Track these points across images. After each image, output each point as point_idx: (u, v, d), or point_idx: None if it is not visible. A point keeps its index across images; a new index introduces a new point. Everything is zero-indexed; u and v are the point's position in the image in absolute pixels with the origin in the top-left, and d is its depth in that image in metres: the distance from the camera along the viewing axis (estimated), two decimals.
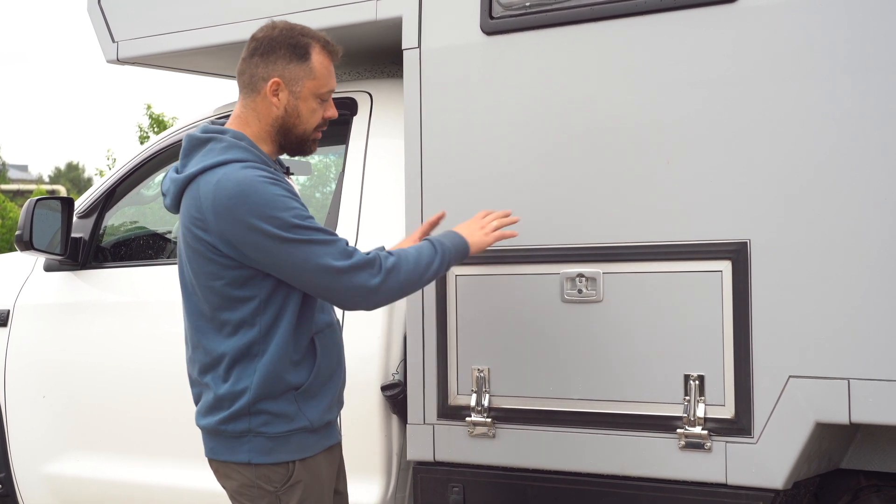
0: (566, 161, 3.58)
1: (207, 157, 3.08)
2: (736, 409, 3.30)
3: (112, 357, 4.76)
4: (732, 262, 3.30)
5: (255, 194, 2.98)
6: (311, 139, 3.24)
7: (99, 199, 4.99)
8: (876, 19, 3.14)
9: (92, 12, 4.76)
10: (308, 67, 3.17)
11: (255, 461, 3.08)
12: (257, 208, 2.97)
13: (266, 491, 3.09)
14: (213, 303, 3.08)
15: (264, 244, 2.98)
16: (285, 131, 3.19)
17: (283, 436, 3.08)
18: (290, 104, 3.17)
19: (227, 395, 3.08)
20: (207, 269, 3.06)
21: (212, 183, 3.02)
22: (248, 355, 3.07)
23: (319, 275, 3.01)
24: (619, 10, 3.49)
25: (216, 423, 3.11)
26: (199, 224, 3.04)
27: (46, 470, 4.95)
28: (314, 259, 3.00)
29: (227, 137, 3.11)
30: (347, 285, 3.03)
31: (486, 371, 3.69)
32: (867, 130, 3.14)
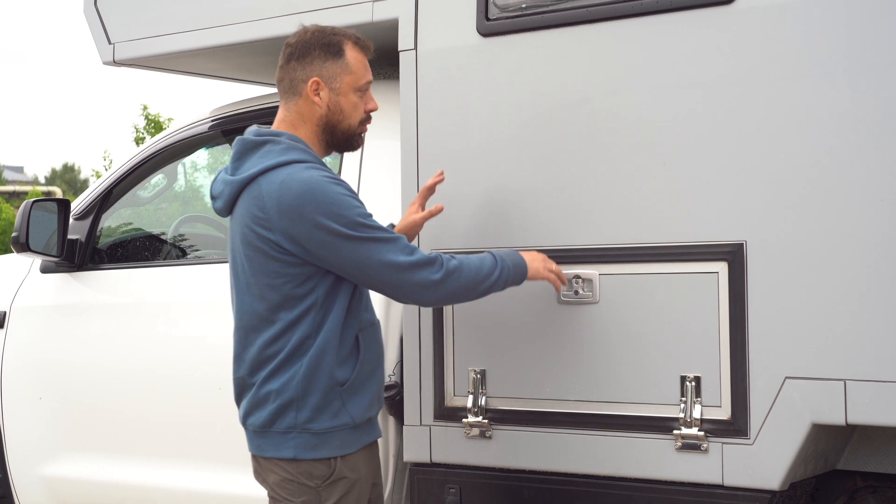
0: (562, 163, 3.58)
1: (267, 159, 3.19)
2: (732, 411, 3.30)
3: (108, 358, 4.76)
4: (729, 264, 3.31)
5: (321, 193, 3.11)
6: (357, 133, 3.37)
7: (95, 201, 4.99)
8: (873, 20, 3.14)
9: (88, 14, 4.75)
10: (344, 63, 3.29)
11: (300, 457, 3.18)
12: (324, 207, 3.10)
13: (307, 487, 3.19)
14: (272, 301, 3.18)
15: (330, 241, 3.10)
16: (331, 129, 3.31)
17: (327, 432, 3.19)
18: (332, 101, 3.29)
19: (275, 390, 3.18)
20: (269, 267, 3.16)
21: (276, 182, 3.13)
22: (299, 352, 3.17)
23: (384, 271, 3.15)
24: (615, 12, 3.49)
25: (264, 419, 3.21)
26: (263, 223, 3.14)
27: (43, 471, 4.95)
28: (378, 255, 3.13)
29: (284, 139, 3.24)
30: (411, 281, 3.17)
31: (482, 372, 3.69)
32: (864, 132, 3.14)
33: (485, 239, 3.68)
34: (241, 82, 5.39)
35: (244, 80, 5.34)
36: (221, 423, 4.46)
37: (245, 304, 3.24)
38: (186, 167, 5.53)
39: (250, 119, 4.69)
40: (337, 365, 3.19)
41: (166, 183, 5.27)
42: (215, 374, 4.45)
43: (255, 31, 4.28)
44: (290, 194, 3.11)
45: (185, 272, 4.78)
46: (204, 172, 6.15)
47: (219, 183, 3.32)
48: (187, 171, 5.63)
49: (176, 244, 5.13)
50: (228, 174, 3.27)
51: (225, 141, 5.02)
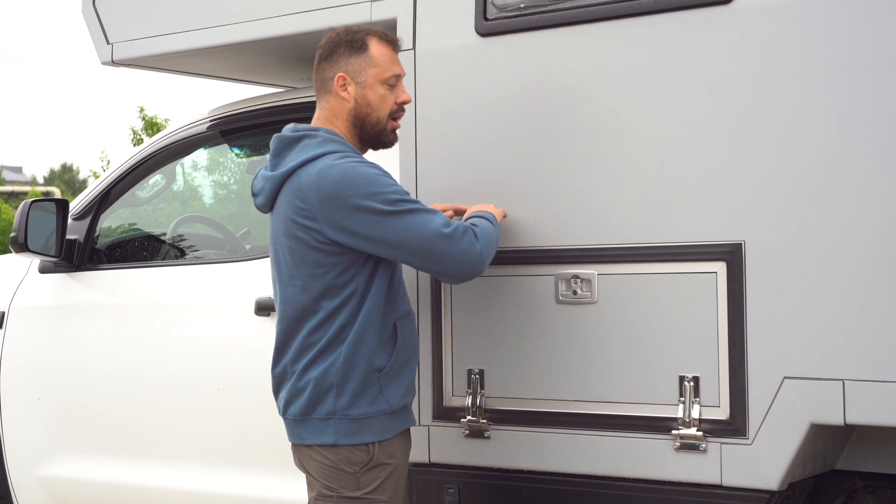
0: (561, 163, 3.58)
1: (304, 152, 3.29)
2: (731, 411, 3.30)
3: (107, 359, 4.76)
4: (727, 264, 3.31)
5: (357, 176, 3.20)
6: (387, 127, 3.44)
7: (94, 201, 4.99)
8: (871, 20, 3.14)
9: (86, 14, 4.75)
10: (368, 57, 3.39)
11: (340, 442, 3.25)
12: (362, 189, 3.19)
13: (346, 473, 3.27)
14: (314, 291, 3.27)
15: (373, 221, 3.20)
16: (361, 122, 3.40)
17: (365, 417, 3.27)
18: (359, 94, 3.39)
19: (316, 377, 3.26)
20: (312, 257, 3.25)
21: (313, 173, 3.23)
22: (338, 339, 3.26)
23: (432, 240, 3.23)
24: (613, 12, 3.49)
25: (303, 406, 3.28)
26: (305, 213, 3.23)
27: (42, 471, 4.94)
28: (423, 226, 3.23)
29: (321, 133, 3.34)
30: (457, 249, 3.25)
31: (480, 372, 3.69)
32: (862, 132, 3.14)
33: None
34: (240, 82, 5.39)
35: (242, 80, 5.34)
36: (220, 423, 4.46)
37: (288, 295, 3.32)
38: (185, 167, 5.53)
39: (248, 119, 4.70)
40: (375, 351, 3.28)
41: (165, 183, 5.27)
42: (214, 374, 4.45)
43: (254, 31, 4.28)
44: (327, 182, 3.20)
45: (184, 272, 4.77)
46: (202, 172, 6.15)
47: (259, 180, 3.41)
48: (186, 171, 5.62)
49: (174, 244, 5.13)
50: (268, 171, 3.36)
51: (223, 141, 5.02)
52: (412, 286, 3.76)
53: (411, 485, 3.81)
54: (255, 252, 4.73)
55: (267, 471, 4.26)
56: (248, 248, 5.15)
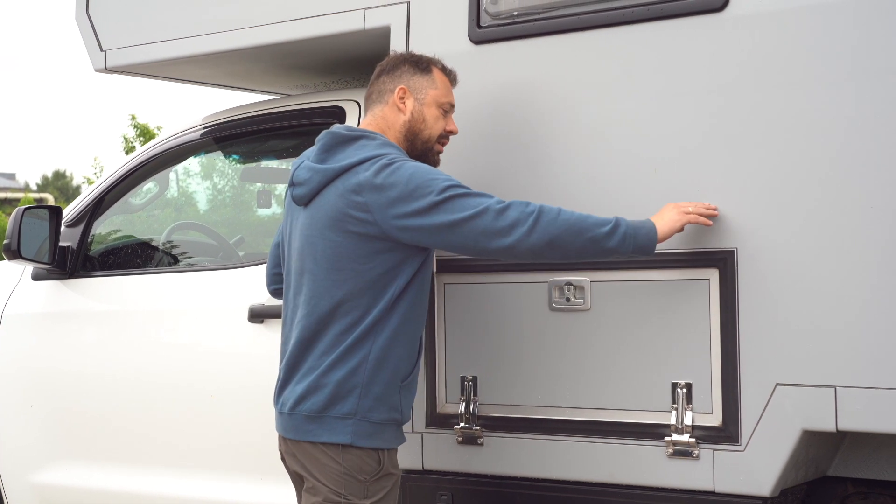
0: (553, 169, 3.59)
1: (363, 151, 3.33)
2: (723, 417, 3.31)
3: (100, 366, 4.75)
4: (719, 271, 3.31)
5: (413, 171, 3.24)
6: (434, 149, 3.52)
7: (87, 208, 4.98)
8: (864, 27, 3.15)
9: (80, 21, 4.75)
10: (430, 79, 3.50)
11: (357, 444, 3.26)
12: (415, 182, 3.22)
13: (356, 481, 3.27)
14: (354, 287, 3.28)
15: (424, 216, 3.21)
16: (412, 136, 3.46)
17: (382, 423, 3.30)
18: (416, 109, 3.46)
19: (343, 374, 3.26)
20: (359, 252, 3.28)
21: (373, 170, 3.26)
22: (370, 338, 3.28)
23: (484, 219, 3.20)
24: (607, 20, 3.50)
25: (322, 403, 3.27)
26: (362, 207, 3.26)
27: (35, 479, 4.94)
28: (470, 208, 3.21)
29: (380, 137, 3.39)
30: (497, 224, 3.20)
31: (474, 379, 3.70)
32: (855, 139, 3.15)
33: None
34: (233, 89, 5.39)
35: (236, 88, 5.34)
36: (213, 431, 4.46)
37: (322, 290, 3.30)
38: (178, 174, 5.53)
39: (242, 126, 4.70)
40: (403, 358, 3.33)
41: (158, 190, 5.27)
42: (207, 382, 4.45)
43: (247, 38, 4.28)
44: (386, 177, 3.23)
45: (177, 279, 4.77)
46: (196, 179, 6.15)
47: (305, 170, 3.40)
48: (179, 178, 5.63)
49: (168, 251, 5.13)
50: (316, 163, 3.36)
51: (216, 148, 5.02)
52: None
53: (404, 491, 3.81)
54: (249, 259, 4.74)
55: (261, 478, 4.26)
56: (241, 254, 5.15)
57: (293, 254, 3.42)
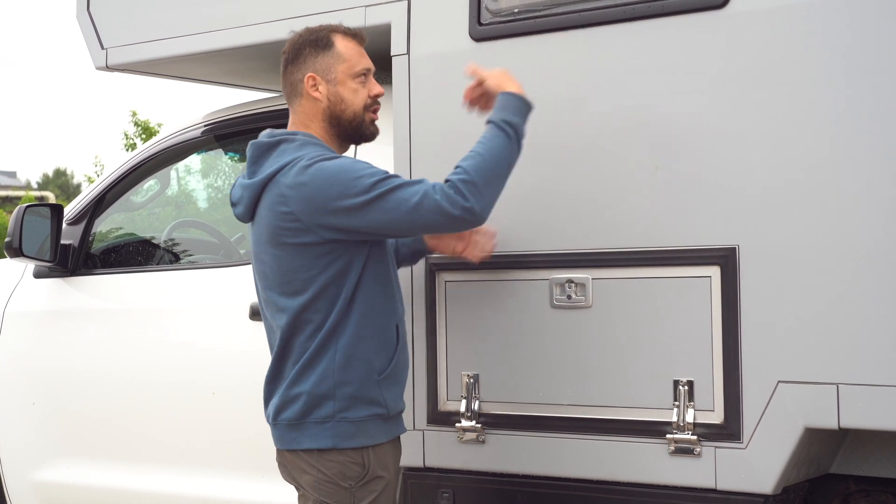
0: (555, 167, 3.58)
1: (282, 157, 3.24)
2: (725, 415, 3.31)
3: (102, 364, 4.76)
4: (721, 268, 3.31)
5: (332, 170, 3.15)
6: (365, 120, 3.38)
7: (88, 206, 4.99)
8: (866, 24, 3.15)
9: (81, 19, 4.75)
10: (335, 53, 3.35)
11: (339, 446, 3.19)
12: (337, 186, 3.12)
13: (341, 487, 3.22)
14: (307, 296, 3.21)
15: (356, 212, 3.12)
16: (336, 120, 3.35)
17: (363, 420, 3.22)
18: (331, 92, 3.34)
19: (312, 382, 3.21)
20: (301, 262, 3.20)
21: (291, 175, 3.18)
22: (333, 341, 3.21)
23: (414, 216, 3.12)
24: (607, 17, 3.50)
25: (299, 411, 3.23)
26: (291, 217, 3.17)
27: (36, 477, 4.94)
28: (404, 205, 3.12)
29: (299, 137, 3.29)
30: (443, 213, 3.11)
31: (475, 377, 3.70)
32: (857, 136, 3.15)
33: None
34: (234, 87, 5.39)
35: (237, 85, 5.34)
36: (215, 428, 4.46)
37: (278, 303, 3.26)
38: (179, 172, 5.53)
39: (243, 124, 4.70)
40: (375, 352, 3.25)
41: (159, 188, 5.27)
42: (208, 379, 4.45)
43: (248, 36, 4.29)
44: (308, 181, 3.14)
45: (178, 277, 4.78)
46: (197, 177, 6.15)
47: (237, 189, 3.35)
48: (180, 175, 5.62)
49: (169, 249, 5.13)
50: (246, 178, 3.31)
51: (217, 146, 5.02)
52: (406, 289, 3.76)
53: (406, 489, 3.81)
54: (250, 256, 4.73)
55: (262, 476, 4.25)
56: (242, 252, 5.15)
57: (255, 272, 3.39)
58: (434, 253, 3.69)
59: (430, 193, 3.12)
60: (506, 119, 3.26)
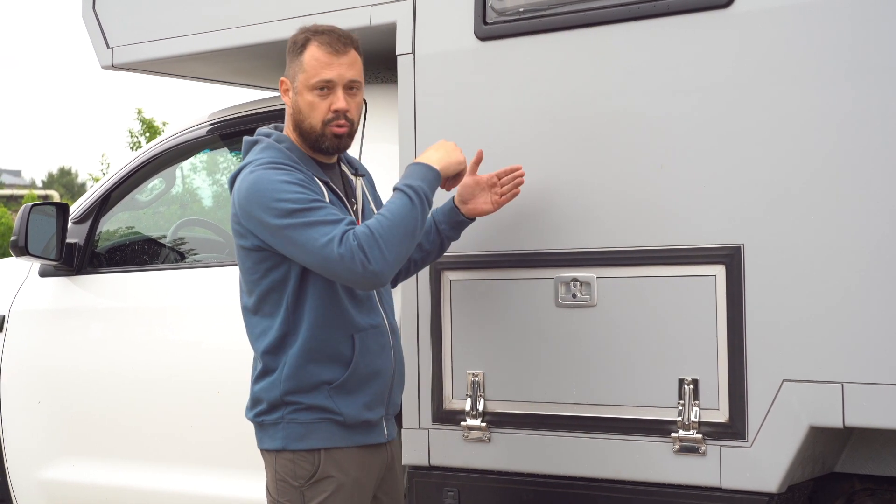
0: (560, 166, 3.59)
1: (249, 157, 3.26)
2: (730, 413, 3.31)
3: (107, 362, 4.76)
4: (726, 267, 3.31)
5: (261, 186, 3.11)
6: (322, 134, 3.25)
7: (94, 205, 4.99)
8: (871, 24, 3.15)
9: (87, 18, 4.76)
10: (300, 62, 3.27)
11: (288, 447, 3.19)
12: (261, 200, 3.10)
13: (291, 486, 3.20)
14: (254, 297, 3.25)
15: (272, 231, 3.11)
16: (299, 129, 3.29)
17: (313, 422, 3.19)
18: (295, 101, 3.28)
19: (265, 386, 3.23)
20: (245, 264, 3.24)
21: (239, 180, 3.21)
22: (282, 349, 3.20)
23: (318, 260, 3.08)
24: (612, 16, 3.50)
25: (258, 411, 3.26)
26: (235, 218, 3.21)
27: (42, 475, 4.95)
28: (311, 244, 3.07)
29: (269, 140, 3.27)
30: (347, 270, 3.06)
31: (480, 375, 3.70)
32: (862, 135, 3.15)
33: (483, 242, 3.69)
34: (240, 86, 5.40)
35: (242, 84, 5.35)
36: (220, 427, 4.47)
37: (242, 304, 3.33)
38: (184, 171, 5.54)
39: (248, 123, 4.70)
40: (322, 365, 3.19)
41: (164, 187, 5.28)
42: (214, 378, 4.45)
43: (253, 35, 4.29)
44: (242, 189, 3.16)
45: (184, 276, 4.78)
46: (202, 176, 6.15)
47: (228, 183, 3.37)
48: (185, 174, 5.63)
49: (174, 248, 5.13)
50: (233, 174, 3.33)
51: (223, 145, 5.02)
52: (412, 288, 3.77)
53: (411, 488, 3.82)
54: None
55: None
56: None
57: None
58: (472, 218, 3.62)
59: (338, 241, 3.04)
60: (408, 184, 3.21)
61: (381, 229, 3.09)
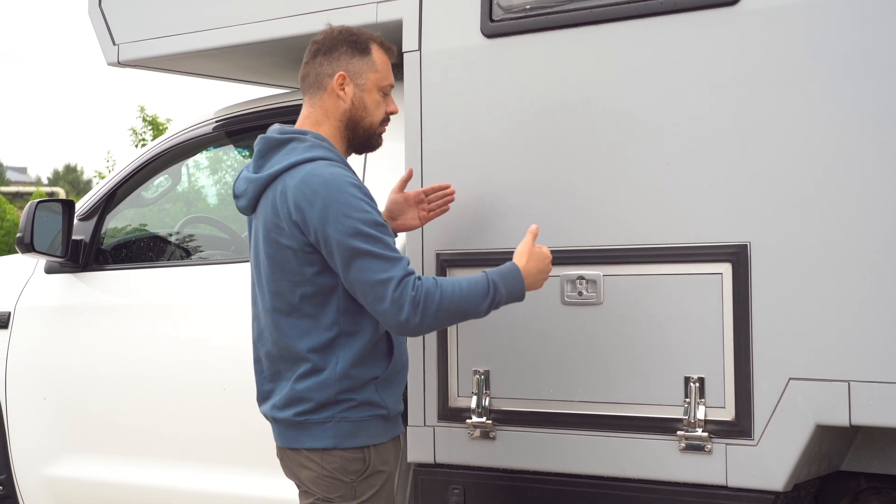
0: (566, 164, 3.58)
1: (292, 155, 3.23)
2: (736, 412, 3.31)
3: (113, 359, 4.77)
4: (732, 265, 3.31)
5: (337, 192, 3.13)
6: (377, 133, 3.40)
7: (100, 202, 5.00)
8: (878, 22, 3.14)
9: (92, 14, 4.76)
10: (370, 61, 3.35)
11: (339, 445, 3.20)
12: (335, 207, 3.11)
13: (342, 482, 3.22)
14: (293, 299, 3.21)
15: (332, 243, 3.11)
16: (354, 125, 3.34)
17: (363, 420, 3.22)
18: (357, 96, 3.33)
19: (312, 386, 3.21)
20: (288, 265, 3.20)
21: (297, 178, 3.17)
22: (331, 349, 3.20)
23: (368, 290, 3.12)
24: (618, 13, 3.50)
25: (300, 413, 3.23)
26: (288, 218, 3.17)
27: (47, 472, 4.95)
28: (368, 273, 3.11)
29: (309, 137, 3.27)
30: (388, 310, 3.11)
31: (486, 373, 3.70)
32: (868, 133, 3.14)
33: (488, 239, 3.69)
34: (246, 83, 5.39)
35: (248, 82, 5.35)
36: (226, 424, 4.47)
37: (270, 301, 3.27)
38: (190, 168, 5.54)
39: (254, 120, 4.71)
40: (370, 363, 3.24)
41: (170, 184, 5.28)
42: (219, 375, 4.45)
43: (260, 32, 4.29)
44: (307, 190, 3.13)
45: (189, 273, 4.78)
46: (208, 173, 6.16)
47: (241, 181, 3.35)
48: (191, 171, 5.63)
49: (180, 245, 5.13)
50: (251, 172, 3.31)
51: (228, 142, 5.03)
52: None
53: (416, 485, 3.82)
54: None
55: (272, 471, 4.25)
56: None
57: (251, 265, 3.39)
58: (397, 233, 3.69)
59: (395, 284, 3.09)
60: (497, 282, 3.24)
61: (446, 299, 3.16)
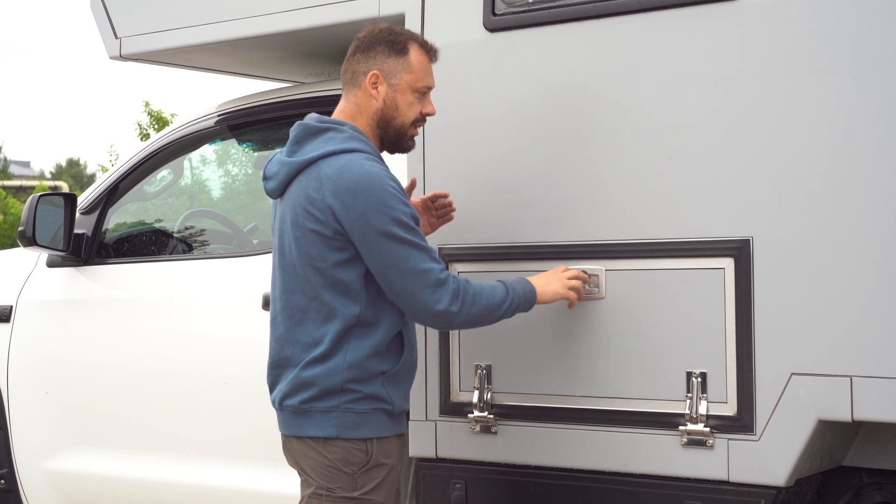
0: (569, 158, 3.58)
1: (329, 144, 3.26)
2: (738, 407, 3.30)
3: (114, 353, 4.77)
4: (735, 260, 3.30)
5: (378, 185, 3.17)
6: (408, 134, 3.41)
7: (102, 196, 5.00)
8: (880, 17, 3.14)
9: (95, 8, 4.75)
10: (406, 62, 3.35)
11: (343, 435, 3.22)
12: (375, 199, 3.16)
13: (344, 473, 3.23)
14: (317, 285, 3.23)
15: (370, 235, 3.16)
16: (385, 124, 3.37)
17: (368, 412, 3.24)
18: (389, 96, 3.35)
19: (320, 373, 3.22)
20: (315, 250, 3.22)
21: (335, 166, 3.20)
22: (344, 339, 3.22)
23: (409, 278, 3.18)
24: (622, 8, 3.49)
25: (307, 398, 3.24)
26: (318, 203, 3.20)
27: (49, 466, 4.95)
28: (411, 262, 3.17)
29: (347, 129, 3.30)
30: (428, 300, 3.20)
31: (487, 368, 3.70)
32: (871, 128, 3.14)
33: (491, 234, 3.69)
34: (248, 77, 5.39)
35: (251, 75, 5.34)
36: (228, 418, 4.47)
37: (291, 286, 3.29)
38: (193, 162, 5.54)
39: (257, 114, 4.70)
40: (382, 357, 3.26)
41: (172, 178, 5.28)
42: (221, 369, 4.46)
43: (262, 26, 4.28)
44: (347, 179, 3.17)
45: (192, 267, 4.78)
46: (210, 167, 6.16)
47: (274, 164, 3.37)
48: (193, 165, 5.63)
49: (182, 239, 5.13)
50: (285, 156, 3.33)
51: (231, 136, 5.02)
52: None
53: (418, 480, 3.82)
54: (263, 247, 4.74)
55: (275, 465, 4.25)
56: (255, 242, 5.16)
57: (274, 248, 3.39)
58: None
59: (438, 274, 3.20)
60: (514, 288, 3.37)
61: (477, 296, 3.27)
